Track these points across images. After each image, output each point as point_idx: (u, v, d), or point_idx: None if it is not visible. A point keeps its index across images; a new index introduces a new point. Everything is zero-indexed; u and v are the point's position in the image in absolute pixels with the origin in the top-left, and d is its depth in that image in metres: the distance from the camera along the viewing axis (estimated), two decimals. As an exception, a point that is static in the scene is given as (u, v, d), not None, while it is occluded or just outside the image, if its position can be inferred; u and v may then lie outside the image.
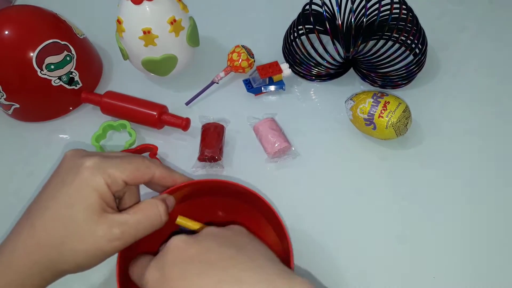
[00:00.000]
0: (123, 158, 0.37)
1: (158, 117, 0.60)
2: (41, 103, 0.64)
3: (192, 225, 0.49)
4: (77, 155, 0.36)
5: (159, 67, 0.62)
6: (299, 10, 0.63)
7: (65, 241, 0.32)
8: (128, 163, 0.36)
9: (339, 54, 0.60)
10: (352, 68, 0.65)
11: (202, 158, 0.57)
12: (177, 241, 0.34)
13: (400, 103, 0.56)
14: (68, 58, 0.61)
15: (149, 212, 0.35)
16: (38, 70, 0.59)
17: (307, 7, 0.61)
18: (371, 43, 0.59)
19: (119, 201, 0.39)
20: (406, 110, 0.56)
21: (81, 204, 0.33)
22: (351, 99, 0.59)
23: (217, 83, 0.65)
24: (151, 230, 0.36)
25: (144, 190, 0.43)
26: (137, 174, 0.36)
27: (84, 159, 0.35)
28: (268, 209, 0.46)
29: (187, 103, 0.65)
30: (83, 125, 0.64)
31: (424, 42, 0.61)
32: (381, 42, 0.59)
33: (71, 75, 0.62)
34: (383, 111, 0.55)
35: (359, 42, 0.58)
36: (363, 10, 0.59)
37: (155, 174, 0.38)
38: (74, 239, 0.32)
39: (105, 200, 0.34)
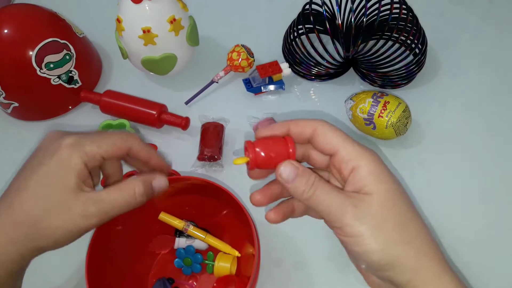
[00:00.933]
0: (100, 134, 0.37)
1: (158, 116, 0.60)
2: (40, 102, 0.64)
3: (174, 222, 0.50)
4: (56, 135, 0.37)
5: (159, 66, 0.61)
6: (299, 9, 0.63)
7: (42, 219, 0.33)
8: (105, 139, 0.37)
9: (339, 53, 0.60)
10: (352, 68, 0.65)
11: (201, 157, 0.57)
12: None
13: (400, 103, 0.56)
14: (67, 57, 0.61)
15: (125, 192, 0.36)
16: (38, 69, 0.59)
17: (307, 6, 0.61)
18: (371, 43, 0.59)
19: (106, 178, 0.40)
20: (406, 110, 0.56)
21: (58, 183, 0.34)
22: (350, 99, 0.59)
23: (217, 82, 0.65)
24: (127, 209, 0.36)
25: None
26: (115, 148, 0.37)
27: (61, 139, 0.36)
28: (235, 204, 0.47)
29: (187, 102, 0.65)
30: (82, 124, 0.64)
31: (424, 42, 0.61)
32: (381, 42, 0.59)
33: (70, 74, 0.62)
34: (382, 111, 0.55)
35: (359, 41, 0.58)
36: (363, 10, 0.58)
37: (132, 146, 0.38)
38: (50, 217, 0.33)
39: (82, 178, 0.34)
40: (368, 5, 0.58)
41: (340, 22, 0.59)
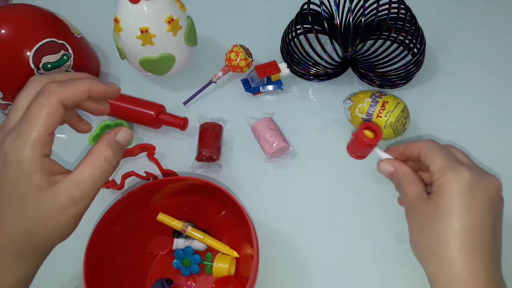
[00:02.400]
0: (27, 116, 0.32)
1: (156, 116, 0.60)
2: (38, 103, 0.63)
3: (172, 222, 0.51)
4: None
5: (157, 67, 0.61)
6: (298, 9, 0.63)
7: (37, 226, 0.33)
8: (39, 116, 0.32)
9: (337, 53, 0.60)
10: (350, 68, 0.65)
11: (200, 157, 0.57)
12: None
13: (398, 102, 0.56)
14: (65, 57, 0.61)
15: (97, 162, 0.34)
16: (35, 69, 0.58)
17: (306, 6, 0.61)
18: (369, 42, 0.59)
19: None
20: (405, 109, 0.56)
21: (29, 190, 0.32)
22: (349, 99, 0.59)
23: (215, 82, 0.65)
24: (107, 176, 0.35)
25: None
26: (51, 119, 0.32)
27: (3, 146, 0.33)
28: (233, 203, 0.47)
29: (185, 103, 0.64)
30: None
31: (422, 41, 0.61)
32: (380, 41, 0.59)
33: (68, 75, 0.62)
34: (381, 111, 0.55)
35: (358, 41, 0.58)
36: (362, 10, 0.58)
37: (64, 97, 0.33)
38: (43, 221, 0.33)
39: (47, 170, 0.33)
40: (366, 5, 0.58)
41: (338, 22, 0.59)
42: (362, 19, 0.58)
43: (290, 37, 0.64)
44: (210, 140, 0.58)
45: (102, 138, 0.35)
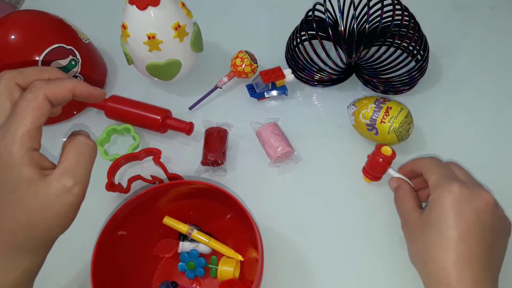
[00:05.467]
0: (14, 113, 0.33)
1: (162, 121, 0.61)
2: (46, 107, 0.64)
3: (178, 226, 0.51)
4: None
5: (163, 72, 0.62)
6: (302, 16, 0.64)
7: (34, 217, 0.33)
8: (27, 112, 0.33)
9: (341, 60, 0.61)
10: (354, 74, 0.66)
11: (205, 162, 0.58)
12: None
13: (402, 108, 0.56)
14: (73, 63, 0.62)
15: (78, 147, 0.35)
16: (44, 74, 0.59)
17: (310, 13, 0.62)
18: (373, 49, 0.59)
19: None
20: (408, 115, 0.56)
21: (22, 184, 0.32)
22: (353, 105, 0.59)
23: (221, 88, 0.65)
24: (92, 160, 0.35)
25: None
26: (38, 113, 0.33)
27: None
28: (237, 206, 0.48)
29: (191, 108, 0.65)
30: (87, 129, 0.64)
31: (426, 48, 0.61)
32: (383, 48, 0.60)
33: (76, 79, 0.63)
34: (385, 117, 0.55)
35: (361, 48, 0.58)
36: (366, 17, 0.59)
37: (50, 93, 0.34)
38: (39, 211, 0.33)
39: (37, 165, 0.33)
40: (370, 12, 0.59)
41: (342, 28, 0.60)
42: (366, 26, 0.58)
43: (295, 44, 0.65)
44: (216, 144, 0.59)
45: (71, 134, 0.36)
